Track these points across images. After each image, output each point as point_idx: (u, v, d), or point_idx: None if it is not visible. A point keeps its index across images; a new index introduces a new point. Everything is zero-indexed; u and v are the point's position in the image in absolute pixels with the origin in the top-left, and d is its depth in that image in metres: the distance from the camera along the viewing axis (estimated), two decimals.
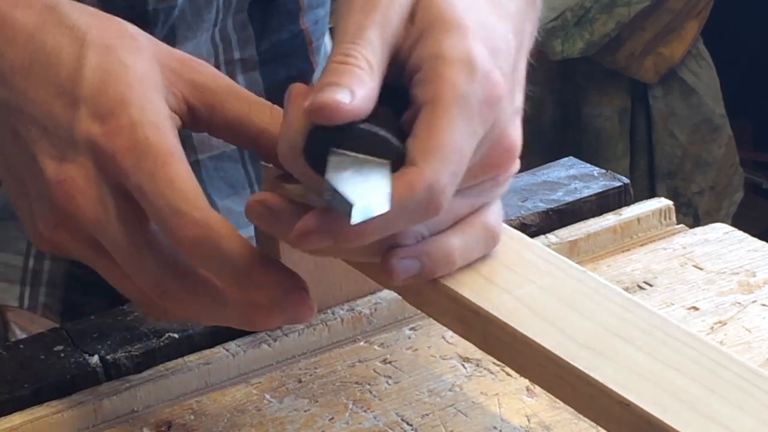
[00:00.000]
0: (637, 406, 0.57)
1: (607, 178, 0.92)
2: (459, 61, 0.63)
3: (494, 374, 0.77)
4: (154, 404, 0.77)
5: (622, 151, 2.71)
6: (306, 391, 0.77)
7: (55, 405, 0.75)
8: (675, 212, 0.91)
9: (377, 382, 0.77)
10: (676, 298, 0.82)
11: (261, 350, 0.79)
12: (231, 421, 0.75)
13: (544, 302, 0.63)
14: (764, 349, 0.77)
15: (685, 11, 2.64)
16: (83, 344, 0.79)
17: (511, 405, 0.74)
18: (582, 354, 0.60)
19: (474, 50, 0.63)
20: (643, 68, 2.65)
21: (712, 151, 2.73)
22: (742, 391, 0.57)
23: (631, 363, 0.59)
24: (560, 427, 0.72)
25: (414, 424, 0.73)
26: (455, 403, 0.75)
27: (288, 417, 0.75)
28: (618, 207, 0.91)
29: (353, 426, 0.74)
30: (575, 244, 0.87)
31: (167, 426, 0.75)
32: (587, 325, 0.62)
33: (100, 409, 0.75)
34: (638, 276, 0.85)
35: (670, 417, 0.56)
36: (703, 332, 0.78)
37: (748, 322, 0.79)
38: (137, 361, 0.78)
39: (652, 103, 2.70)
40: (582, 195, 0.90)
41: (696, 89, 2.70)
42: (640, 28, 2.62)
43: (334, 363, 0.79)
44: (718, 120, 2.71)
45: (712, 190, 2.75)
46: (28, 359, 0.78)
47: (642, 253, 0.87)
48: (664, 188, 2.73)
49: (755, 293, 0.82)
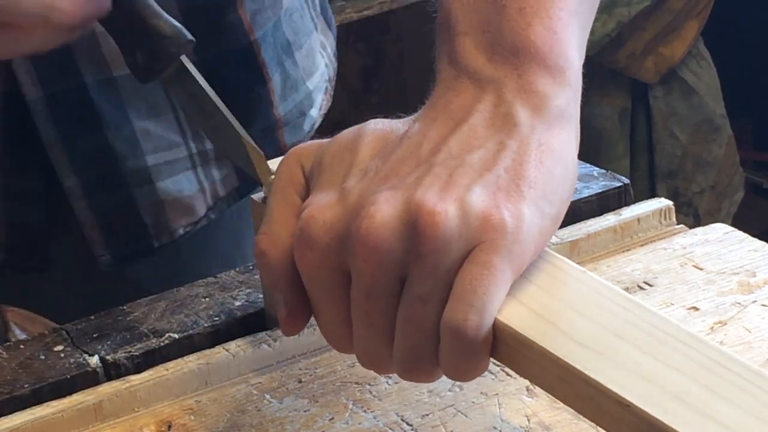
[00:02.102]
0: (636, 406, 0.57)
1: (607, 178, 0.92)
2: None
3: (494, 374, 0.76)
4: (154, 404, 0.77)
5: (623, 151, 2.71)
6: (306, 391, 0.77)
7: (55, 405, 0.75)
8: (675, 212, 0.91)
9: (377, 382, 0.77)
10: (676, 299, 0.82)
11: (261, 350, 0.79)
12: (231, 421, 0.75)
13: (544, 302, 0.63)
14: (764, 349, 0.77)
15: (686, 11, 2.63)
16: (83, 344, 0.79)
17: (511, 405, 0.74)
18: (582, 354, 0.60)
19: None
20: (643, 68, 2.65)
21: (713, 151, 2.73)
22: (742, 391, 0.57)
23: (631, 363, 0.59)
24: (560, 427, 0.72)
25: (414, 424, 0.73)
26: (455, 403, 0.75)
27: (288, 417, 0.75)
28: (618, 207, 0.91)
29: (353, 426, 0.74)
30: (575, 244, 0.87)
31: (167, 426, 0.75)
32: (587, 325, 0.62)
33: (100, 409, 0.75)
34: (638, 276, 0.85)
35: (670, 417, 0.56)
36: (703, 332, 0.78)
37: (748, 323, 0.79)
38: (137, 361, 0.78)
39: (653, 103, 2.70)
40: (582, 195, 0.90)
41: (696, 89, 2.70)
42: (640, 28, 2.62)
43: (334, 363, 0.79)
44: (719, 120, 2.71)
45: (713, 190, 2.75)
46: (28, 359, 0.78)
47: (642, 253, 0.87)
48: (665, 188, 2.72)
49: (755, 293, 0.82)
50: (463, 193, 0.63)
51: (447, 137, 0.66)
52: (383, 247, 0.62)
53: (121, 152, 1.03)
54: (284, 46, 1.10)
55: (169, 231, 1.06)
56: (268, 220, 0.68)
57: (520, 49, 0.68)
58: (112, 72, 1.01)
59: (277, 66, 1.09)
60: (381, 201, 0.63)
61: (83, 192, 1.03)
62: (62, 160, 1.02)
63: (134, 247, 1.06)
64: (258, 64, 1.07)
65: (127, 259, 1.05)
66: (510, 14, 0.69)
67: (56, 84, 1.00)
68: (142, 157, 1.04)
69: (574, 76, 0.69)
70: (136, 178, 1.04)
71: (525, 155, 0.65)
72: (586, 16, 0.72)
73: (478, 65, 0.68)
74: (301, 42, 1.13)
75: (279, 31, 1.10)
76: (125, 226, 1.05)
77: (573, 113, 0.69)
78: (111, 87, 1.01)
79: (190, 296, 0.84)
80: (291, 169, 0.69)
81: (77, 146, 1.02)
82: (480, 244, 0.62)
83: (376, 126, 0.68)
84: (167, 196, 1.05)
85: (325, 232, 0.64)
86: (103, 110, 1.02)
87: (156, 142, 1.04)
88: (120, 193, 1.04)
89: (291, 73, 1.11)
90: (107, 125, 1.02)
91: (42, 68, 1.00)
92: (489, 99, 0.67)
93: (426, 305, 0.62)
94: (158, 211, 1.05)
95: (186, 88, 0.83)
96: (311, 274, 0.65)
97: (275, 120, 1.09)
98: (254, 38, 1.06)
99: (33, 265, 1.06)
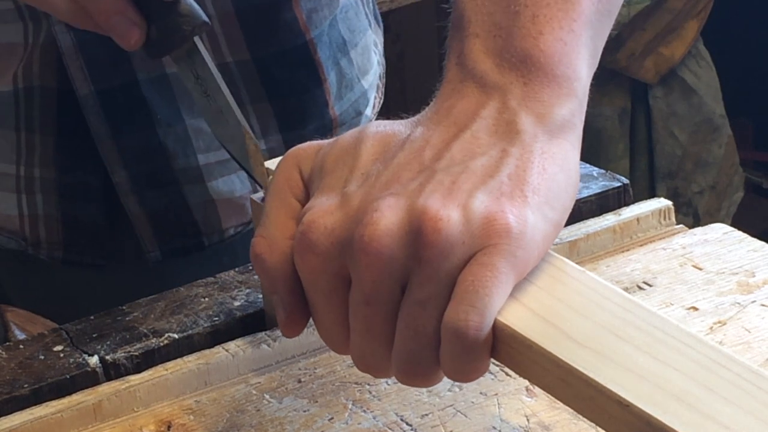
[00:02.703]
0: (636, 406, 0.57)
1: (606, 179, 0.92)
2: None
3: (494, 374, 0.76)
4: (153, 404, 0.77)
5: (622, 151, 2.71)
6: (306, 391, 0.77)
7: (55, 405, 0.75)
8: (675, 212, 0.91)
9: (377, 382, 0.77)
10: (676, 299, 0.82)
11: (261, 350, 0.79)
12: (231, 421, 0.75)
13: (544, 302, 0.63)
14: (764, 349, 0.77)
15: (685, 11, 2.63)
16: (83, 344, 0.79)
17: (511, 405, 0.74)
18: (582, 354, 0.60)
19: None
20: (643, 68, 2.65)
21: (712, 151, 2.73)
22: (742, 391, 0.57)
23: (630, 363, 0.59)
24: (560, 427, 0.72)
25: (413, 424, 0.73)
26: (455, 403, 0.75)
27: (288, 417, 0.75)
28: (618, 207, 0.91)
29: (353, 426, 0.74)
30: (575, 244, 0.87)
31: (167, 426, 0.75)
32: (587, 325, 0.62)
33: (100, 409, 0.75)
34: (638, 276, 0.85)
35: (669, 417, 0.56)
36: (703, 332, 0.78)
37: (748, 322, 0.79)
38: (137, 361, 0.78)
39: (653, 103, 2.70)
40: (581, 195, 0.90)
41: (696, 89, 2.70)
42: (640, 28, 2.62)
43: (333, 363, 0.79)
44: (718, 120, 2.71)
45: (712, 190, 2.75)
46: (28, 359, 0.78)
47: (641, 253, 0.87)
48: (664, 188, 2.72)
49: (755, 293, 0.82)
50: (466, 199, 0.63)
51: (449, 143, 0.66)
52: (386, 254, 0.62)
53: (172, 150, 1.03)
54: (340, 45, 1.10)
55: (220, 230, 1.07)
56: (264, 222, 0.68)
57: (528, 57, 0.67)
58: (164, 69, 1.01)
59: (332, 65, 1.09)
60: (384, 207, 0.63)
61: (132, 188, 1.04)
62: (112, 155, 1.03)
63: (184, 244, 1.06)
64: (314, 63, 1.07)
65: (177, 255, 1.05)
66: (522, 21, 0.68)
67: (108, 80, 1.01)
68: (193, 156, 1.04)
69: (581, 87, 0.69)
70: (186, 177, 1.04)
71: (528, 162, 0.65)
72: (601, 25, 0.72)
73: (485, 69, 0.68)
74: (356, 40, 1.13)
75: (335, 29, 1.09)
76: (176, 223, 1.05)
77: (577, 124, 0.68)
78: (163, 84, 1.02)
79: (190, 296, 0.84)
80: (289, 172, 0.69)
81: (127, 142, 1.03)
82: (483, 248, 0.62)
83: (377, 129, 0.68)
84: (218, 196, 1.05)
85: (326, 237, 0.64)
86: (155, 107, 1.02)
87: (208, 141, 1.04)
88: (170, 191, 1.05)
89: (346, 72, 1.11)
90: (159, 122, 1.03)
91: (94, 65, 1.00)
92: (493, 105, 0.67)
93: (427, 310, 0.62)
94: (209, 210, 1.06)
95: (194, 70, 0.83)
96: (311, 278, 0.65)
97: (330, 120, 1.09)
98: (310, 37, 1.06)
99: (90, 261, 1.07)
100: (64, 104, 1.02)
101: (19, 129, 1.04)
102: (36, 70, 1.02)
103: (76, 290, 1.08)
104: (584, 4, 0.69)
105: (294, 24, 1.05)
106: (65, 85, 1.01)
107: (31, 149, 1.04)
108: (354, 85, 1.12)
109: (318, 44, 1.07)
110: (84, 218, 1.05)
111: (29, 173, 1.05)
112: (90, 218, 1.05)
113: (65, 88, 1.01)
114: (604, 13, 0.72)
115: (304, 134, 1.03)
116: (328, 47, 1.08)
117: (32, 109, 1.03)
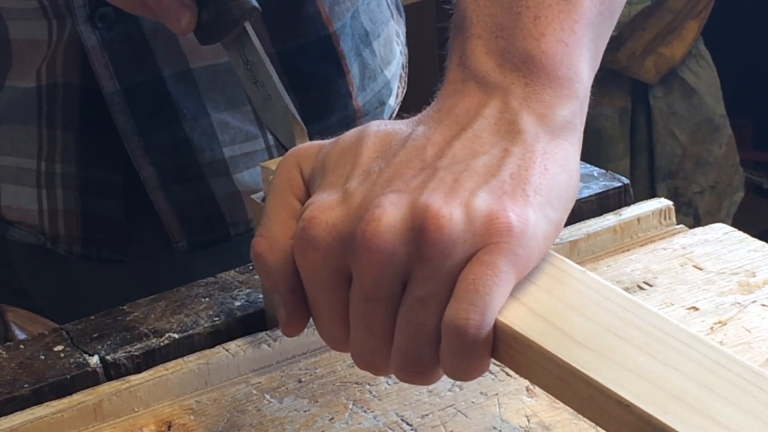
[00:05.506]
0: (636, 406, 0.57)
1: (607, 178, 0.92)
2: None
3: (494, 374, 0.77)
4: (154, 404, 0.77)
5: (623, 151, 2.71)
6: (306, 391, 0.77)
7: (55, 405, 0.75)
8: (675, 212, 0.91)
9: (377, 382, 0.77)
10: (676, 299, 0.82)
11: (261, 350, 0.80)
12: (231, 421, 0.75)
13: (544, 302, 0.63)
14: (764, 349, 0.77)
15: (686, 11, 2.63)
16: (83, 344, 0.79)
17: (511, 405, 0.74)
18: (582, 354, 0.60)
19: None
20: (643, 68, 2.65)
21: (713, 151, 2.73)
22: (742, 391, 0.57)
23: (630, 363, 0.59)
24: (560, 427, 0.72)
25: (414, 425, 0.73)
26: (455, 403, 0.75)
27: (288, 417, 0.75)
28: (618, 207, 0.91)
29: (353, 426, 0.74)
30: (575, 244, 0.87)
31: (167, 426, 0.75)
32: (587, 325, 0.62)
33: (100, 409, 0.75)
34: (638, 276, 0.85)
35: (669, 417, 0.56)
36: (703, 332, 0.78)
37: (748, 323, 0.79)
38: (137, 361, 0.78)
39: (653, 103, 2.70)
40: (582, 195, 0.90)
41: (696, 89, 2.70)
42: (640, 28, 2.62)
43: (333, 363, 0.79)
44: (719, 120, 2.71)
45: (713, 190, 2.75)
46: (28, 359, 0.78)
47: (642, 253, 0.87)
48: (665, 188, 2.72)
49: (755, 293, 0.82)
50: (469, 197, 0.63)
51: (451, 142, 0.66)
52: (387, 251, 0.62)
53: (198, 144, 1.04)
54: (362, 36, 1.11)
55: (246, 221, 1.07)
56: (265, 222, 0.68)
57: (530, 58, 0.68)
58: (189, 64, 1.02)
59: (355, 56, 1.10)
60: (386, 204, 0.63)
61: (160, 183, 1.04)
62: (139, 152, 1.03)
63: (211, 236, 1.07)
64: (337, 55, 1.08)
65: (203, 247, 1.06)
66: (524, 22, 0.69)
67: (133, 77, 1.02)
68: (219, 149, 1.05)
69: (582, 88, 0.69)
70: (213, 170, 1.05)
71: (530, 162, 0.65)
72: (603, 27, 0.72)
73: (487, 70, 0.68)
74: (378, 31, 1.13)
75: (357, 21, 1.10)
76: (203, 215, 1.06)
77: (578, 125, 0.68)
78: (188, 79, 1.02)
79: (190, 296, 0.84)
80: (289, 172, 0.69)
81: (154, 138, 1.03)
82: (485, 246, 0.62)
83: (378, 127, 0.68)
84: (245, 188, 1.06)
85: (327, 233, 0.64)
86: (180, 102, 1.03)
87: (233, 134, 1.05)
88: (197, 184, 1.05)
89: (369, 63, 1.12)
90: (184, 117, 1.03)
91: (119, 61, 1.01)
92: (495, 105, 0.67)
93: (427, 307, 0.62)
94: (235, 202, 1.07)
95: (244, 55, 0.83)
96: (311, 274, 0.65)
97: (354, 110, 1.10)
98: (332, 30, 1.07)
99: (108, 257, 1.07)
100: (87, 101, 1.03)
101: (41, 125, 1.05)
102: (59, 67, 1.02)
103: (94, 285, 1.09)
104: (586, 6, 0.69)
105: (317, 17, 1.06)
106: (89, 82, 1.02)
107: (52, 145, 1.05)
108: (377, 76, 1.12)
109: (341, 36, 1.07)
110: (103, 214, 1.06)
111: (50, 169, 1.05)
112: (108, 214, 1.06)
113: (89, 85, 1.02)
114: (606, 15, 0.72)
115: (328, 125, 1.03)
116: (350, 39, 1.09)
117: (55, 105, 1.04)
